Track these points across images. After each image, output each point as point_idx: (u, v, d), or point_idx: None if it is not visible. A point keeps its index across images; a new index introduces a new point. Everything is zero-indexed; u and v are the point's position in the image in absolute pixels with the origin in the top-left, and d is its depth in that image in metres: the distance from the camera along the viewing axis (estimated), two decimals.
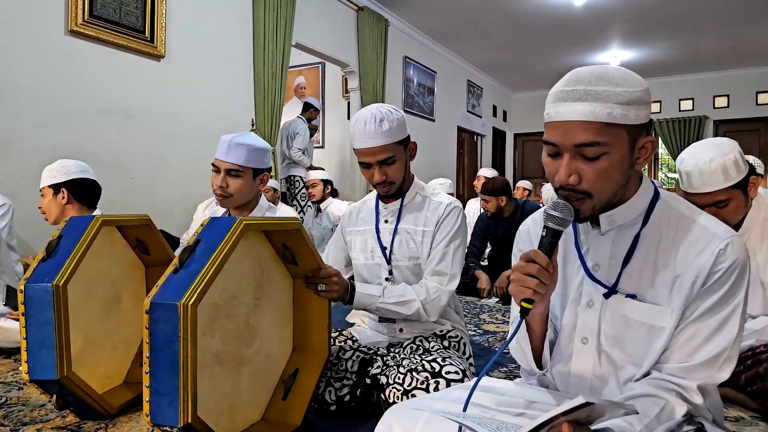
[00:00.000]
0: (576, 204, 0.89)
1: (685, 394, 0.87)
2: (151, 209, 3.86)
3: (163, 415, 1.06)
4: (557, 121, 0.87)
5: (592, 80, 0.85)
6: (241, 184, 1.72)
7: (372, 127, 1.48)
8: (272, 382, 1.40)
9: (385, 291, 1.52)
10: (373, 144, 1.49)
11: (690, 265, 0.88)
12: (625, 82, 0.85)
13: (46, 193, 2.15)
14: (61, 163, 2.18)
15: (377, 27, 6.19)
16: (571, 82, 0.87)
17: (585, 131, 0.84)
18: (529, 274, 0.87)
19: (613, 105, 0.83)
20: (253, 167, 1.73)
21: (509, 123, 11.04)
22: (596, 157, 0.85)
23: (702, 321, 0.87)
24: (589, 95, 0.84)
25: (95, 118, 3.48)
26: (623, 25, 6.91)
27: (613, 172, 0.87)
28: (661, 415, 0.84)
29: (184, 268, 1.10)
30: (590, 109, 0.84)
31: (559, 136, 0.87)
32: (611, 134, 0.84)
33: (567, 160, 0.87)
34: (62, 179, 2.14)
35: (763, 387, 1.46)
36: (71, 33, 3.33)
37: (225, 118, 4.39)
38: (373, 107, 1.52)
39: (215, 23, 4.30)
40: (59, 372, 1.33)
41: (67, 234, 1.43)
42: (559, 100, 0.87)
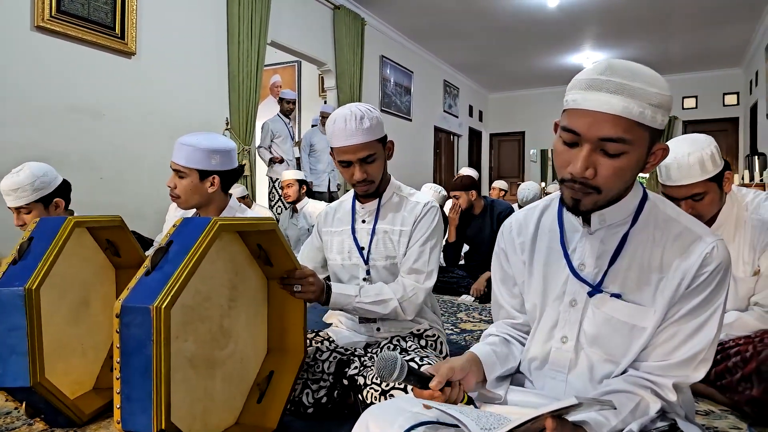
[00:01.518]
0: (581, 196, 0.87)
1: (660, 391, 0.89)
2: (122, 209, 3.78)
3: (135, 422, 1.03)
4: (586, 109, 0.83)
5: (629, 75, 0.83)
6: (186, 186, 1.63)
7: (353, 124, 1.47)
8: (247, 385, 1.38)
9: (361, 291, 1.52)
10: (354, 141, 1.48)
11: (676, 267, 0.89)
12: (657, 84, 0.84)
13: (35, 208, 2.00)
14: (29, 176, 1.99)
15: (354, 26, 6.17)
16: (606, 72, 0.83)
17: (614, 126, 0.81)
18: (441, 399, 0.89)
19: (646, 105, 0.81)
20: (197, 168, 1.62)
21: (485, 123, 11.15)
22: (617, 154, 0.83)
23: (683, 322, 0.89)
24: (624, 89, 0.81)
25: (63, 116, 3.39)
26: (596, 27, 7.07)
27: (628, 171, 0.86)
28: (636, 411, 0.86)
29: (156, 269, 1.08)
30: (624, 104, 0.81)
31: (585, 125, 0.83)
32: (637, 134, 0.83)
33: (587, 152, 0.84)
34: (51, 189, 2.03)
35: (731, 381, 1.50)
36: (38, 29, 3.23)
37: (198, 116, 4.32)
38: (351, 106, 1.52)
39: (188, 20, 4.23)
40: (32, 379, 1.29)
41: (39, 236, 1.38)
42: (591, 89, 0.83)
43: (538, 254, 1.04)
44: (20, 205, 1.97)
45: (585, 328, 0.96)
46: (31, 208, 1.99)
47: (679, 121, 9.49)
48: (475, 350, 1.03)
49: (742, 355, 1.49)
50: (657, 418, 0.89)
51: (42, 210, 2.01)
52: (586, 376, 0.96)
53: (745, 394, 1.46)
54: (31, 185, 1.97)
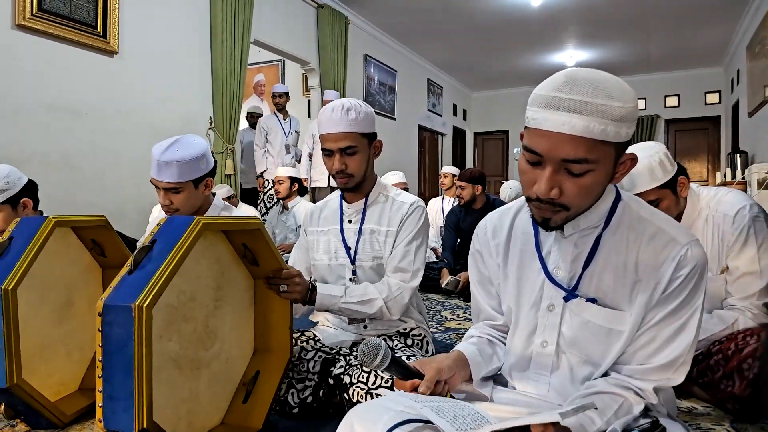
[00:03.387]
0: (549, 214, 0.87)
1: (642, 394, 0.89)
2: (103, 209, 3.74)
3: (116, 421, 1.03)
4: (545, 130, 0.80)
5: (589, 90, 0.79)
6: (184, 198, 1.65)
7: (339, 114, 1.49)
8: (232, 386, 1.38)
9: (347, 291, 1.52)
10: (336, 130, 1.49)
11: (650, 271, 0.88)
12: (622, 96, 0.80)
13: (2, 210, 1.95)
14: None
15: (337, 25, 6.17)
16: (566, 89, 0.80)
17: (575, 147, 0.79)
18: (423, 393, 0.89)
19: (608, 121, 0.78)
20: (190, 180, 1.64)
21: (469, 122, 11.22)
22: (582, 173, 0.81)
23: (661, 326, 0.88)
24: (585, 108, 0.78)
25: (44, 115, 3.34)
26: (578, 26, 7.16)
27: (595, 188, 0.85)
28: (619, 411, 0.87)
29: (139, 269, 1.07)
30: (584, 124, 0.78)
31: (545, 147, 0.81)
32: (601, 151, 0.80)
33: (550, 173, 0.82)
34: (17, 189, 1.99)
35: (713, 379, 1.51)
36: (18, 27, 3.18)
37: (182, 115, 4.28)
38: (344, 99, 1.54)
39: (171, 18, 4.19)
40: (8, 380, 1.28)
41: (18, 235, 1.37)
42: (550, 107, 0.80)
43: (513, 257, 1.03)
44: None
45: (564, 332, 0.96)
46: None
47: (661, 120, 9.63)
48: (462, 349, 1.03)
49: (724, 353, 1.49)
50: (639, 416, 0.90)
51: (10, 211, 1.98)
52: (567, 378, 0.97)
53: (727, 392, 1.46)
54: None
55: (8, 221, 1.96)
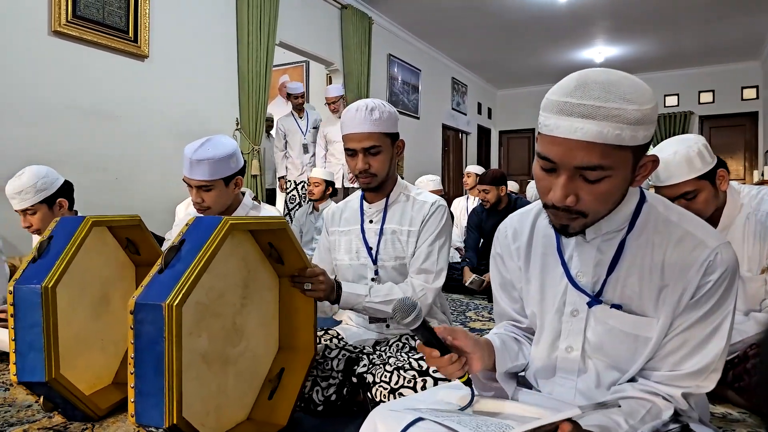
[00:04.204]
0: (567, 221, 0.85)
1: (671, 400, 0.87)
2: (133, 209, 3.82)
3: (148, 416, 1.06)
4: (557, 137, 0.78)
5: (602, 94, 0.75)
6: (216, 196, 1.71)
7: (363, 114, 1.50)
8: (258, 382, 1.40)
9: (371, 290, 1.53)
10: (360, 130, 1.51)
11: (677, 276, 0.85)
12: (638, 98, 0.76)
13: (39, 209, 2.04)
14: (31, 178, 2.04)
15: (361, 25, 6.19)
16: (577, 93, 0.77)
17: (589, 153, 0.76)
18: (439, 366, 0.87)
19: (623, 125, 0.75)
20: (221, 178, 1.70)
21: (494, 120, 11.10)
22: (598, 180, 0.78)
23: (690, 332, 0.86)
24: (597, 113, 0.75)
25: (78, 118, 3.45)
26: (607, 21, 6.99)
27: (613, 194, 0.82)
28: (647, 416, 0.85)
29: (169, 268, 1.10)
30: (597, 129, 0.74)
31: (558, 153, 0.78)
32: (617, 157, 0.77)
33: (564, 180, 0.79)
34: (53, 189, 2.07)
35: (750, 383, 1.46)
36: (54, 34, 3.29)
37: (209, 117, 4.36)
38: (367, 99, 1.56)
39: (199, 22, 4.27)
40: (47, 374, 1.33)
41: (58, 235, 1.42)
42: (562, 113, 0.77)
43: (534, 260, 1.01)
44: (25, 207, 2.02)
45: (589, 338, 0.94)
46: (36, 210, 2.04)
47: (695, 117, 9.32)
48: (489, 338, 1.01)
49: None
50: (669, 422, 0.88)
51: (47, 211, 2.06)
52: (594, 382, 0.95)
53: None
54: (33, 187, 2.01)
55: (45, 220, 2.04)
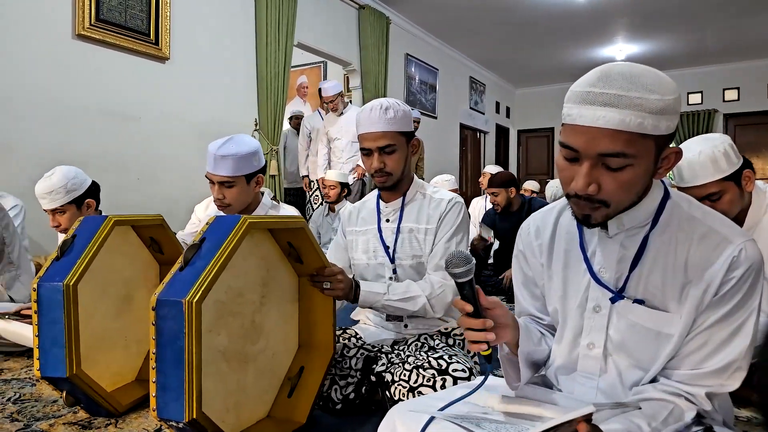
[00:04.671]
0: (589, 211, 0.85)
1: (694, 400, 0.86)
2: (155, 209, 3.88)
3: (168, 411, 1.07)
4: (581, 125, 0.79)
5: (624, 84, 0.77)
6: (237, 192, 1.75)
7: (377, 113, 1.51)
8: (278, 380, 1.41)
9: (389, 288, 1.53)
10: (374, 129, 1.51)
11: (701, 272, 0.84)
12: (660, 88, 0.78)
13: (68, 209, 2.08)
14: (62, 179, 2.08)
15: (378, 25, 6.19)
16: (600, 83, 0.79)
17: (612, 141, 0.77)
18: (470, 328, 0.85)
19: (645, 114, 0.76)
20: (244, 174, 1.74)
21: (512, 119, 11.02)
22: (620, 167, 0.79)
23: (714, 330, 0.85)
24: (620, 101, 0.76)
25: (101, 120, 3.52)
26: (628, 17, 6.88)
27: (636, 183, 0.82)
28: (669, 418, 0.84)
29: (189, 265, 1.12)
30: (620, 117, 0.76)
31: (582, 142, 0.80)
32: (639, 145, 0.78)
33: (587, 168, 0.80)
34: (82, 190, 2.12)
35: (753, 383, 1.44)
36: (78, 37, 3.36)
37: (228, 118, 4.41)
38: (381, 99, 1.56)
39: (218, 24, 4.33)
40: (69, 370, 1.36)
41: (81, 233, 1.45)
42: (585, 102, 0.79)
43: (557, 257, 1.01)
44: (55, 207, 2.06)
45: (611, 335, 0.93)
46: (65, 209, 2.08)
47: (719, 115, 9.10)
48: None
49: None
50: (692, 424, 0.86)
51: (75, 210, 2.10)
52: (616, 382, 0.94)
53: None
54: (63, 187, 2.06)
55: (73, 220, 2.09)
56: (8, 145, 3.06)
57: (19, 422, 1.46)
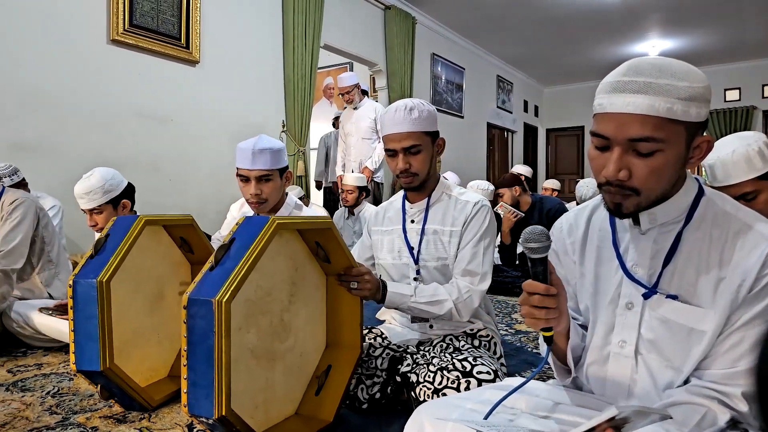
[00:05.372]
0: (620, 199, 0.85)
1: (728, 401, 0.84)
2: (186, 209, 3.97)
3: (199, 407, 1.10)
4: (611, 112, 0.82)
5: (654, 72, 0.80)
6: (273, 187, 1.81)
7: (401, 114, 1.51)
8: (306, 378, 1.43)
9: (416, 290, 1.52)
10: (399, 129, 1.51)
11: (735, 268, 0.84)
12: (688, 77, 0.80)
13: (105, 209, 2.14)
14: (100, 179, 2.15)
15: (404, 25, 6.19)
16: (630, 73, 0.82)
17: (642, 125, 0.79)
18: (534, 306, 0.85)
19: (674, 100, 0.78)
20: (279, 168, 1.82)
21: (541, 118, 10.86)
22: (650, 153, 0.81)
23: (749, 327, 0.83)
24: (649, 88, 0.79)
25: (134, 122, 3.62)
26: (662, 12, 6.69)
27: (666, 170, 0.82)
28: (702, 423, 0.82)
29: (219, 265, 1.14)
30: (649, 102, 0.79)
31: (612, 128, 0.82)
32: (669, 130, 0.80)
33: (618, 154, 0.82)
34: (119, 191, 2.19)
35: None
36: (113, 42, 3.47)
37: (256, 120, 4.48)
38: (406, 99, 1.56)
39: (247, 27, 4.40)
40: (102, 364, 1.40)
41: (114, 233, 1.50)
42: (615, 91, 0.82)
43: (589, 254, 1.01)
44: (92, 207, 2.13)
45: (643, 333, 0.92)
46: (102, 210, 2.15)
47: (758, 111, 8.76)
48: None
49: None
50: (726, 429, 0.84)
51: (111, 211, 2.17)
52: (649, 384, 0.92)
53: None
54: (101, 188, 2.13)
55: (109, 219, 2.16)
56: (47, 147, 3.18)
57: (57, 415, 1.51)
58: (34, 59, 3.09)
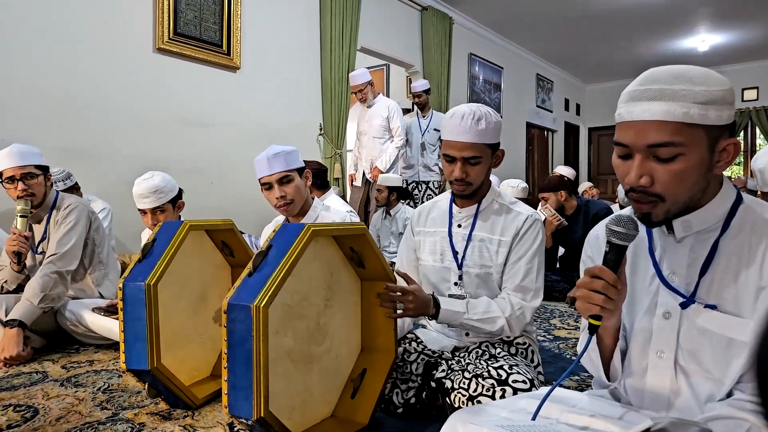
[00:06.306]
0: (647, 207, 0.86)
1: None
2: (228, 212, 4.08)
3: (239, 408, 1.13)
4: (629, 121, 0.84)
5: (669, 79, 0.82)
6: (295, 187, 1.91)
7: (468, 122, 1.46)
8: (341, 381, 1.45)
9: (468, 306, 1.50)
10: (463, 139, 1.47)
11: None
12: (705, 81, 0.81)
13: (167, 208, 2.25)
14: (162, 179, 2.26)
15: (441, 25, 6.16)
16: (645, 82, 0.84)
17: (659, 131, 0.81)
18: (594, 290, 0.85)
19: (690, 104, 0.79)
20: (296, 168, 1.92)
21: (583, 117, 10.58)
22: (671, 158, 0.81)
23: None
24: (664, 94, 0.81)
25: (178, 127, 3.76)
26: (711, 5, 6.40)
27: (689, 174, 0.82)
28: None
29: (257, 271, 1.17)
30: (665, 108, 0.80)
31: (631, 136, 0.84)
32: (688, 134, 0.80)
33: (639, 161, 0.84)
34: (176, 192, 2.30)
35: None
36: (158, 50, 3.61)
37: (294, 123, 4.56)
38: (473, 105, 1.52)
39: (285, 33, 4.49)
40: (150, 363, 1.46)
41: (160, 237, 1.56)
42: (632, 100, 0.84)
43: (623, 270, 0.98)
44: (158, 205, 2.23)
45: (681, 344, 0.90)
46: (164, 208, 2.26)
47: None
48: None
49: None
50: None
51: (171, 210, 2.28)
52: (689, 396, 0.89)
53: None
54: (165, 188, 2.25)
55: (172, 218, 2.26)
56: (97, 152, 3.34)
57: (108, 410, 1.59)
58: (86, 69, 3.26)
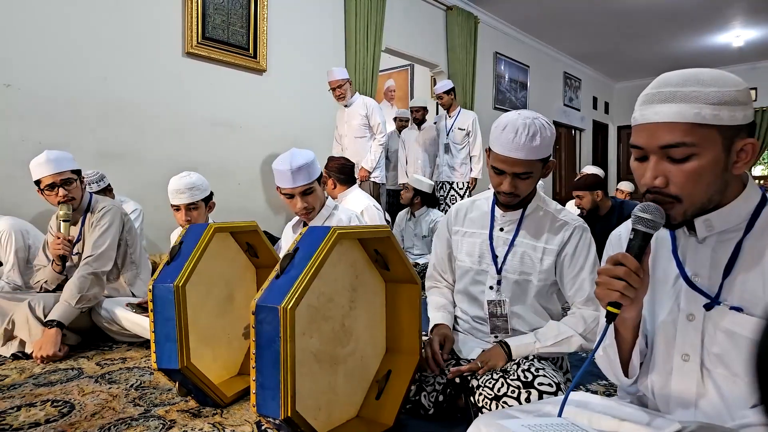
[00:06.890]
0: (665, 208, 0.86)
1: None
2: (254, 213, 4.13)
3: (267, 408, 1.16)
4: (642, 123, 0.86)
5: (680, 82, 0.84)
6: (316, 195, 2.03)
7: (523, 139, 1.38)
8: (367, 382, 1.46)
9: (537, 335, 1.48)
10: (516, 156, 1.39)
11: None
12: (717, 82, 0.82)
13: (200, 206, 2.34)
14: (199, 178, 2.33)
15: (466, 25, 6.12)
16: (658, 85, 0.86)
17: (670, 132, 0.82)
18: (615, 277, 0.84)
19: (701, 105, 0.81)
20: (316, 179, 2.01)
21: (612, 115, 10.37)
22: (685, 158, 0.83)
23: None
24: (675, 96, 0.82)
25: (206, 130, 3.83)
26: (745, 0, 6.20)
27: (703, 174, 0.83)
28: None
29: (284, 273, 1.19)
30: (676, 110, 0.82)
31: (645, 138, 0.86)
32: (700, 135, 0.81)
33: (653, 162, 0.85)
34: (208, 192, 2.39)
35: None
36: (187, 55, 3.69)
37: (319, 124, 4.60)
38: (528, 116, 1.41)
39: (310, 35, 4.53)
40: (180, 362, 1.50)
41: (187, 240, 1.60)
42: (645, 103, 0.86)
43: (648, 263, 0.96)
44: (192, 202, 2.30)
45: (707, 346, 0.88)
46: (198, 206, 2.33)
47: None
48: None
49: None
50: None
51: (203, 209, 2.34)
52: (717, 400, 0.87)
53: None
54: (201, 186, 2.34)
55: (201, 216, 2.34)
56: (128, 154, 3.43)
57: (140, 407, 1.64)
58: (116, 73, 3.35)
